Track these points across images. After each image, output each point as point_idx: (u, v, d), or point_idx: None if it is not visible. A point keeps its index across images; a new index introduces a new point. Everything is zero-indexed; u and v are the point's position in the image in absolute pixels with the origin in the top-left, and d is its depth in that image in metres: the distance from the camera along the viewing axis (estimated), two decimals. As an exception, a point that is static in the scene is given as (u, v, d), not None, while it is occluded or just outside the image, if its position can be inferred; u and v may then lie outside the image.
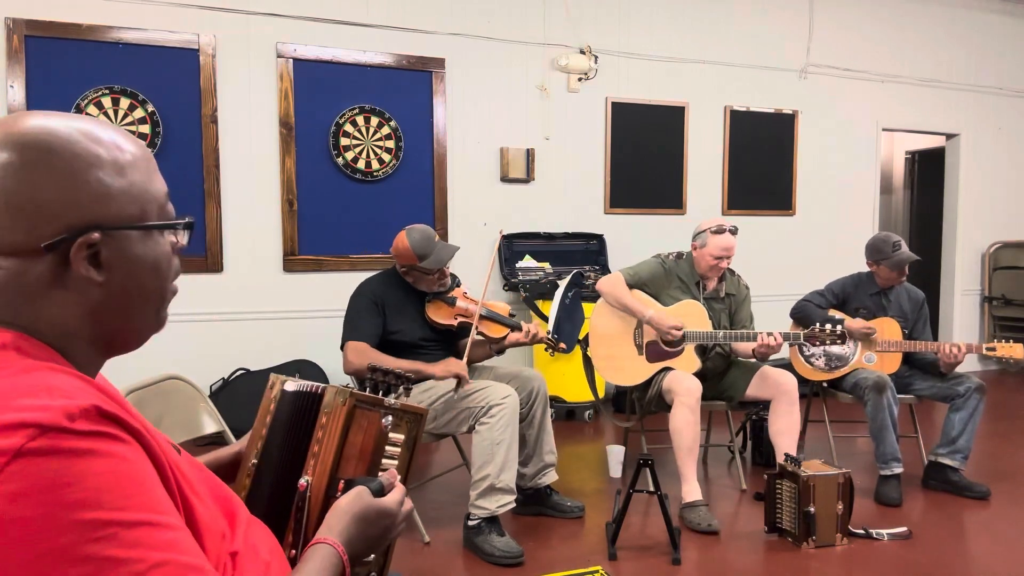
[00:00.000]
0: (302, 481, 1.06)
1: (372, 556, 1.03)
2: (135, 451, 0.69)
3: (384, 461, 1.10)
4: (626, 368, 3.43)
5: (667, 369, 3.34)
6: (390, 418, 1.10)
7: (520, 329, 3.01)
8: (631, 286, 3.43)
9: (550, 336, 3.05)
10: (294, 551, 1.03)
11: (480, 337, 3.00)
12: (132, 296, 0.79)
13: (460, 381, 2.79)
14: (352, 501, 0.98)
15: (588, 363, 3.58)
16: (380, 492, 1.02)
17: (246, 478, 1.13)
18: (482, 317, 2.98)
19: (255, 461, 1.13)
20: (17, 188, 0.72)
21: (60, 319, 0.76)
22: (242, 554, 0.84)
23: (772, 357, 3.29)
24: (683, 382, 3.20)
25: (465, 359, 2.85)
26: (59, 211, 0.73)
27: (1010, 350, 3.30)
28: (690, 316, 3.36)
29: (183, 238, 0.84)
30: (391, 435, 1.10)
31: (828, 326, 3.23)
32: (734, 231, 3.40)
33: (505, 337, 3.01)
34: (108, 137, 0.78)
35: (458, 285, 3.13)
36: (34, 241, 0.73)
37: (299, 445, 1.10)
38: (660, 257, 3.52)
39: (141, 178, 0.79)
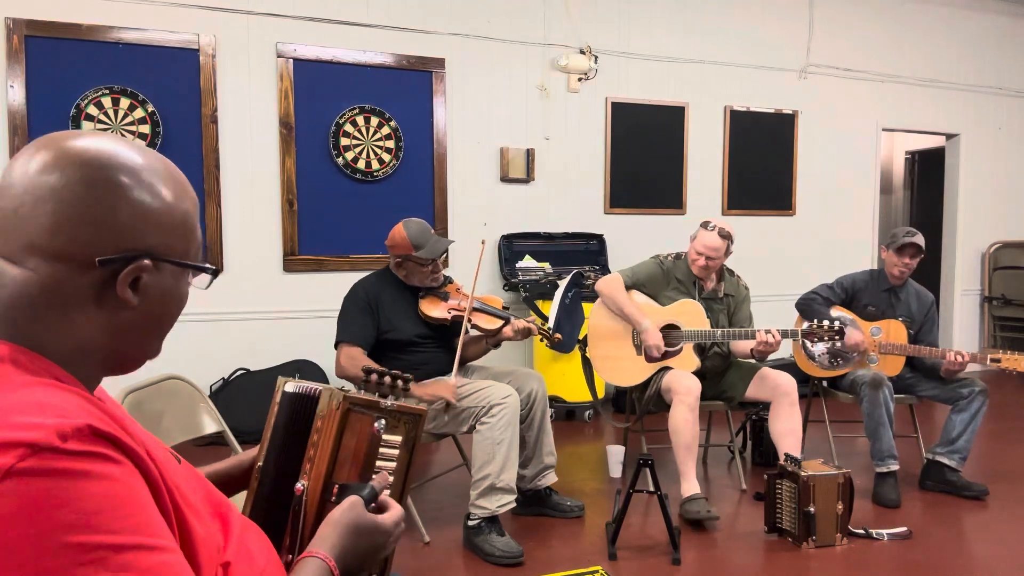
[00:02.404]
0: (298, 485, 1.06)
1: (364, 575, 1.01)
2: (128, 472, 0.68)
3: (380, 464, 1.09)
4: (625, 368, 3.43)
5: (666, 368, 3.35)
6: (383, 421, 1.09)
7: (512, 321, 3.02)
8: (629, 287, 3.44)
9: (544, 327, 3.05)
10: (291, 555, 1.03)
11: (475, 332, 3.00)
12: (155, 324, 0.83)
13: (448, 405, 2.76)
14: (345, 512, 0.98)
15: (587, 364, 3.59)
16: (373, 497, 1.02)
17: (254, 480, 1.14)
18: (474, 309, 2.99)
19: (260, 464, 1.14)
20: (96, 203, 0.75)
21: (80, 333, 0.77)
22: (235, 564, 0.84)
23: (775, 354, 3.28)
24: (682, 381, 3.21)
25: (456, 360, 2.85)
26: (125, 233, 0.77)
27: (1015, 362, 3.28)
28: (688, 315, 3.36)
29: (203, 282, 0.88)
30: (386, 437, 1.10)
31: (826, 322, 3.23)
32: (724, 234, 3.34)
33: (499, 329, 3.00)
34: (179, 176, 0.84)
35: (450, 282, 3.14)
36: (90, 255, 0.75)
37: (296, 448, 1.10)
38: (658, 258, 3.53)
39: (192, 220, 0.85)
